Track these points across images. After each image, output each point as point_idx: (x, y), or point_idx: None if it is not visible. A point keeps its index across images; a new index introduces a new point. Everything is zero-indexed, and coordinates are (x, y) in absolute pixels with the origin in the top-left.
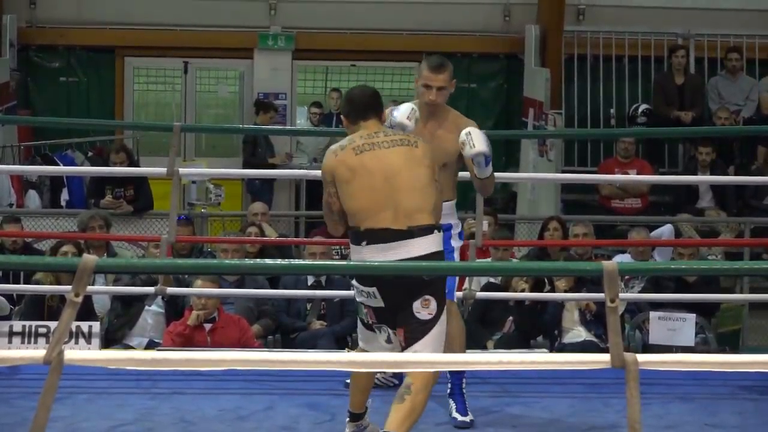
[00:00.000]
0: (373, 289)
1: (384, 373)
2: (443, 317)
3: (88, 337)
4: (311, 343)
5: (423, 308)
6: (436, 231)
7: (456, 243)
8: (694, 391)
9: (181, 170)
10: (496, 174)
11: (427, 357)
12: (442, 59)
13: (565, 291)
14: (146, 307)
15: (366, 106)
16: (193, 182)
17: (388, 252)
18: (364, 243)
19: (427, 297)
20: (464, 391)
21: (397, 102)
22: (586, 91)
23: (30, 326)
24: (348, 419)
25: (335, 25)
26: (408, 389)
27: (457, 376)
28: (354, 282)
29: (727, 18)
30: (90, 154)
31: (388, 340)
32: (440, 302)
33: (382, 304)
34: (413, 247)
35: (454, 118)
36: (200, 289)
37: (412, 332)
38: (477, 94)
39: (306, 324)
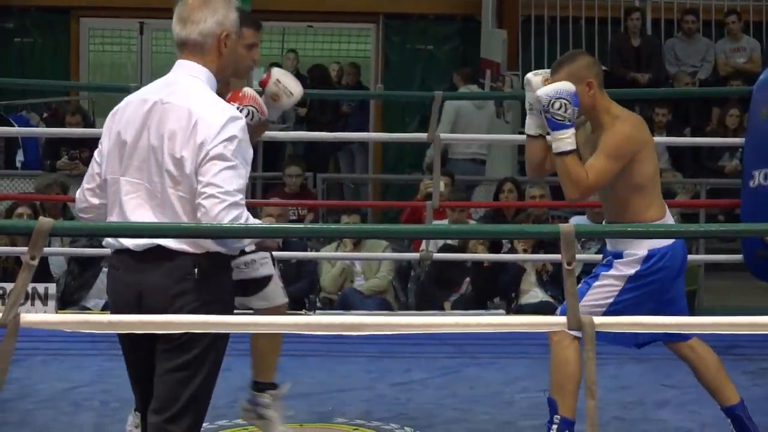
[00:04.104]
0: None
1: None
2: None
3: (45, 299)
4: None
5: None
6: None
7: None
8: (650, 352)
9: None
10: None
11: None
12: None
13: (525, 252)
14: (103, 269)
15: None
16: None
17: None
18: None
19: None
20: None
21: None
22: (543, 53)
23: None
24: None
25: None
26: None
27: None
28: None
29: None
30: (45, 115)
31: None
32: None
33: None
34: None
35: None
36: None
37: None
38: (434, 56)
39: None
